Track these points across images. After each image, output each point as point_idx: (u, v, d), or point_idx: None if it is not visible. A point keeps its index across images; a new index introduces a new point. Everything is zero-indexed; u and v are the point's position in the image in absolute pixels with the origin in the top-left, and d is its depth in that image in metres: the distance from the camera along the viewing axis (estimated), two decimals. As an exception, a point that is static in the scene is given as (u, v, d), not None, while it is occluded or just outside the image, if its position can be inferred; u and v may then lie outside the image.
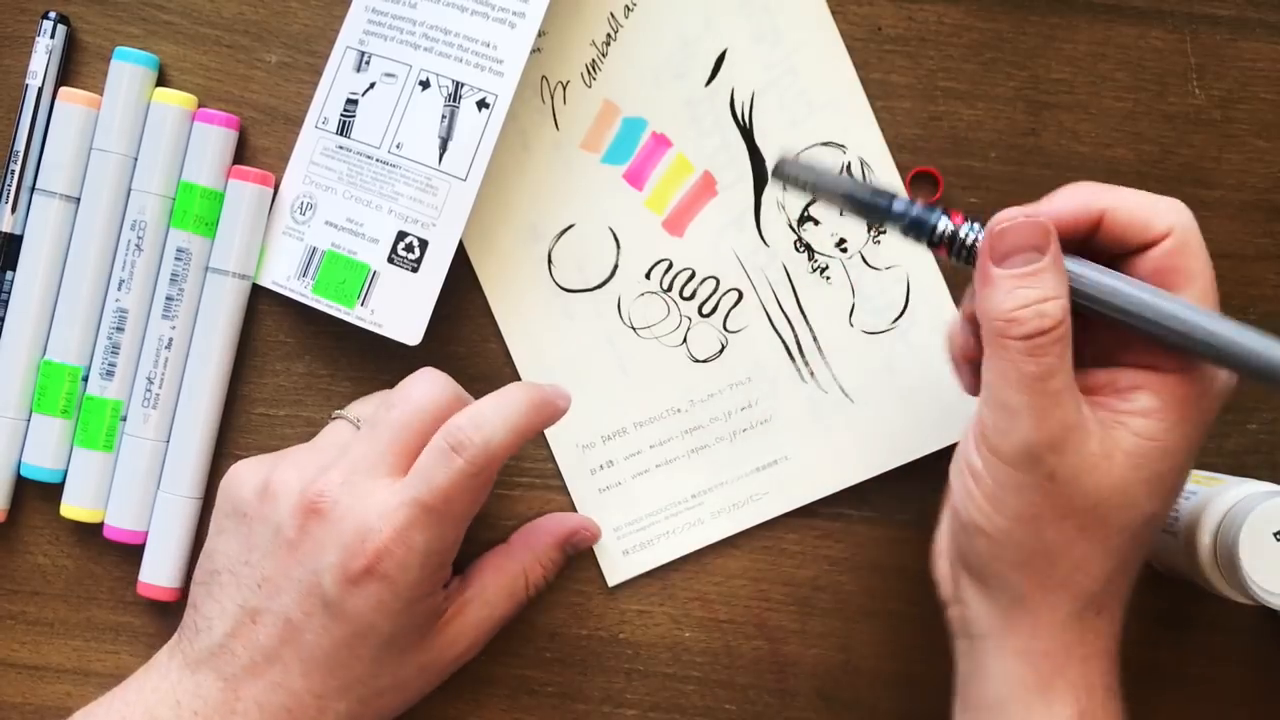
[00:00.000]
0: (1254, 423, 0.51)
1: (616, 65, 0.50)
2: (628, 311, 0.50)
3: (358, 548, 0.42)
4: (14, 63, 0.50)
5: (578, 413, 0.49)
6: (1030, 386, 0.37)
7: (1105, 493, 0.37)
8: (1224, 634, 0.50)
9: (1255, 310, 0.50)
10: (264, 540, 0.43)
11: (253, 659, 0.43)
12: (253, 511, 0.44)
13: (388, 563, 0.42)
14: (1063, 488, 0.37)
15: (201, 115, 0.49)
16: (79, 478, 0.49)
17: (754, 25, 0.50)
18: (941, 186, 0.50)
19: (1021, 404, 0.37)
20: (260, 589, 0.43)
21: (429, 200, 0.47)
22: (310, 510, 0.43)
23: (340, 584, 0.42)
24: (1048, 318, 0.36)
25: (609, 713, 0.50)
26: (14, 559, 0.50)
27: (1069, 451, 0.37)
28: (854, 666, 0.50)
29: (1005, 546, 0.39)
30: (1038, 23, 0.50)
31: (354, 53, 0.49)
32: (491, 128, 0.47)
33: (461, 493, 0.42)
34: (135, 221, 0.48)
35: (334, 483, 0.43)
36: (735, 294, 0.50)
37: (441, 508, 0.42)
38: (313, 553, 0.42)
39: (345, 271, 0.48)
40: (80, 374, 0.49)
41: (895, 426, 0.50)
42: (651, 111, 0.50)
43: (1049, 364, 0.36)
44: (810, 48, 0.50)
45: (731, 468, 0.50)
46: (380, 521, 0.42)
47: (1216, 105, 0.50)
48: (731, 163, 0.50)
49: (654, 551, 0.50)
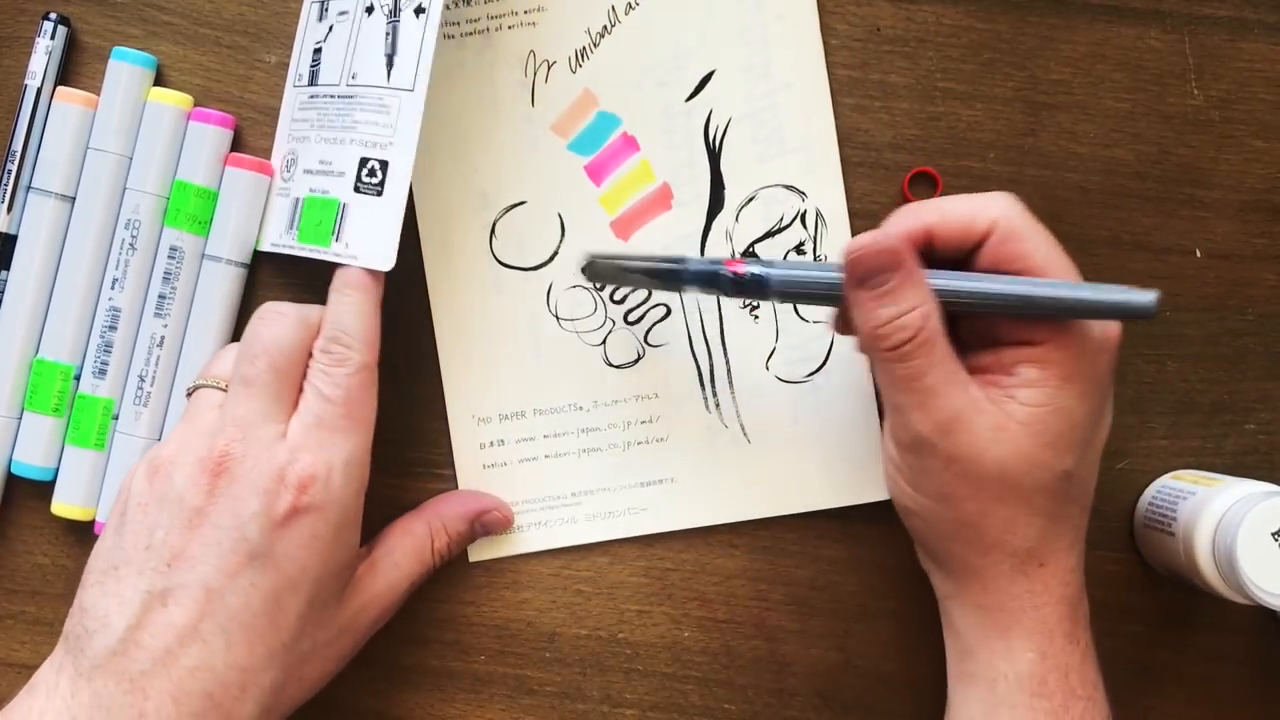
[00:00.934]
0: (1252, 423, 0.51)
1: (605, 58, 0.50)
2: (556, 300, 0.50)
3: (278, 487, 0.41)
4: (14, 63, 0.50)
5: (482, 385, 0.50)
6: (907, 387, 0.41)
7: (1009, 462, 0.41)
8: (1223, 634, 0.50)
9: (1253, 311, 0.50)
10: (166, 518, 0.41)
11: (165, 646, 0.40)
12: (145, 497, 0.42)
13: (314, 490, 0.42)
14: (966, 465, 0.41)
15: (197, 115, 0.49)
16: (70, 476, 0.49)
17: (748, 54, 0.50)
18: (940, 187, 0.50)
19: (904, 402, 0.41)
20: (170, 567, 0.40)
21: (384, 120, 0.46)
22: (216, 472, 0.41)
23: (268, 529, 0.41)
24: (908, 328, 0.40)
25: (609, 713, 0.50)
26: (14, 559, 0.50)
27: (961, 433, 0.41)
28: (854, 666, 0.50)
29: (935, 523, 0.43)
30: (1036, 23, 0.50)
31: (315, 5, 0.49)
32: (429, 31, 0.46)
33: (359, 393, 0.43)
34: (130, 220, 0.48)
35: (233, 438, 0.42)
36: (664, 309, 0.51)
37: (345, 415, 0.43)
38: (229, 509, 0.41)
39: (321, 212, 0.47)
40: (72, 373, 0.49)
41: (786, 476, 0.50)
42: (628, 112, 0.50)
43: (917, 366, 0.41)
44: (797, 90, 0.50)
45: (617, 477, 0.50)
46: (293, 454, 0.42)
47: (1215, 106, 0.50)
48: (693, 181, 0.50)
49: (521, 538, 0.50)
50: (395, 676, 0.50)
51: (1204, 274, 0.50)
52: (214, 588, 0.40)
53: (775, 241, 0.50)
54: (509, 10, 0.50)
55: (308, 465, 0.42)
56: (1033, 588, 0.42)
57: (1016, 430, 0.41)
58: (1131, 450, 0.50)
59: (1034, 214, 0.43)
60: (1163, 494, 0.48)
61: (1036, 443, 0.41)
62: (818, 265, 0.47)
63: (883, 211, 0.50)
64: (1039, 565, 0.42)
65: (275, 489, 0.41)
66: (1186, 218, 0.50)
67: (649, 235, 0.50)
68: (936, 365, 0.41)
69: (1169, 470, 0.50)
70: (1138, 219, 0.50)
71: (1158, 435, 0.51)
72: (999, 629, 0.42)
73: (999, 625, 0.42)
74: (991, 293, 0.41)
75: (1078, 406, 0.41)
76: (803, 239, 0.50)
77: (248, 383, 0.43)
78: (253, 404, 0.43)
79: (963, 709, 0.44)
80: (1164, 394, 0.50)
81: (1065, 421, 0.41)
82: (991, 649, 0.42)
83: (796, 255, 0.50)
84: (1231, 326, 0.50)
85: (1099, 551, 0.50)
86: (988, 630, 0.43)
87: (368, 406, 0.44)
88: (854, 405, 0.50)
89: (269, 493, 0.41)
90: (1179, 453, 0.51)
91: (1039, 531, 0.42)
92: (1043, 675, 0.42)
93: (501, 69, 0.50)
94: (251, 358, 0.44)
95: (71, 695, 0.40)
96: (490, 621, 0.50)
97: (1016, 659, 0.42)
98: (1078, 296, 0.40)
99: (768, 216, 0.50)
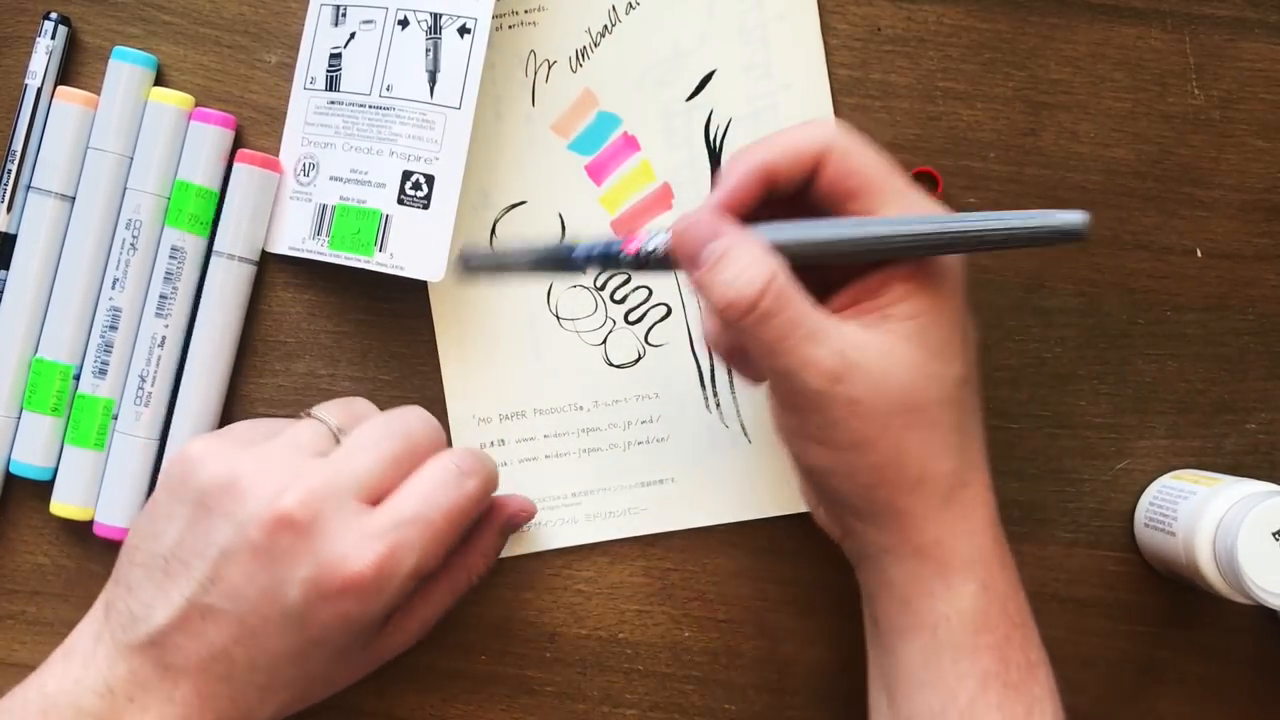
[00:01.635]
0: (1252, 423, 0.51)
1: (606, 58, 0.50)
2: (556, 300, 0.50)
3: (338, 565, 0.41)
4: (14, 63, 0.50)
5: (482, 385, 0.50)
6: (781, 348, 0.39)
7: (908, 383, 0.39)
8: (1223, 634, 0.50)
9: (1254, 310, 0.50)
10: (224, 538, 0.41)
11: (199, 654, 0.41)
12: (215, 505, 0.42)
13: (367, 585, 0.41)
14: (869, 402, 0.39)
15: (198, 115, 0.49)
16: (69, 476, 0.49)
17: (749, 54, 0.50)
18: (941, 186, 0.50)
19: (786, 365, 0.39)
20: (214, 586, 0.41)
21: (428, 135, 0.47)
22: (284, 521, 0.41)
23: (310, 598, 0.41)
24: (755, 283, 0.38)
25: (609, 712, 0.50)
26: (13, 559, 0.50)
27: (853, 372, 0.39)
28: (854, 666, 0.50)
29: (855, 474, 0.40)
30: (1037, 23, 0.50)
31: (329, 8, 0.49)
32: (476, 51, 0.47)
33: (465, 515, 0.43)
34: (130, 220, 0.48)
35: (315, 494, 0.41)
36: (664, 309, 0.50)
37: (444, 528, 0.42)
38: (282, 562, 0.41)
39: (358, 221, 0.48)
40: (72, 372, 0.49)
41: (786, 476, 0.50)
42: (628, 112, 0.50)
43: (783, 321, 0.38)
44: (797, 90, 0.50)
45: (618, 477, 0.50)
46: (364, 545, 0.41)
47: (1215, 105, 0.50)
48: (693, 181, 0.50)
49: (522, 538, 0.50)
50: (396, 676, 0.50)
51: (1204, 274, 0.50)
52: (248, 624, 0.41)
53: None
54: (509, 10, 0.50)
55: (372, 562, 0.41)
56: (965, 513, 0.41)
57: (904, 349, 0.39)
58: (1131, 450, 0.50)
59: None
60: (1163, 494, 0.48)
61: (926, 353, 0.39)
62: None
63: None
64: (963, 487, 0.41)
65: (333, 567, 0.41)
66: (1187, 217, 0.50)
67: None
68: (802, 317, 0.39)
69: (1169, 470, 0.50)
70: (1138, 219, 0.50)
71: (1158, 435, 0.51)
72: (937, 567, 0.40)
73: (937, 563, 0.40)
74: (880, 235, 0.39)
75: (952, 307, 0.40)
76: None
77: (367, 450, 0.43)
78: (358, 474, 0.42)
79: (901, 665, 0.41)
80: (1164, 394, 0.50)
81: (946, 325, 0.40)
82: (931, 592, 0.40)
83: None
84: (1232, 326, 0.50)
85: (1099, 551, 0.50)
86: (925, 573, 0.41)
87: (464, 527, 0.44)
88: None
89: (325, 567, 0.41)
90: (1179, 453, 0.51)
91: (955, 450, 0.40)
92: (984, 608, 0.40)
93: (502, 69, 0.50)
94: (390, 432, 0.44)
95: (109, 667, 0.42)
96: (490, 621, 0.50)
97: (957, 595, 0.40)
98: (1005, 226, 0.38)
99: None
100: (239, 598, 0.41)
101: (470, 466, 0.44)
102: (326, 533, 0.41)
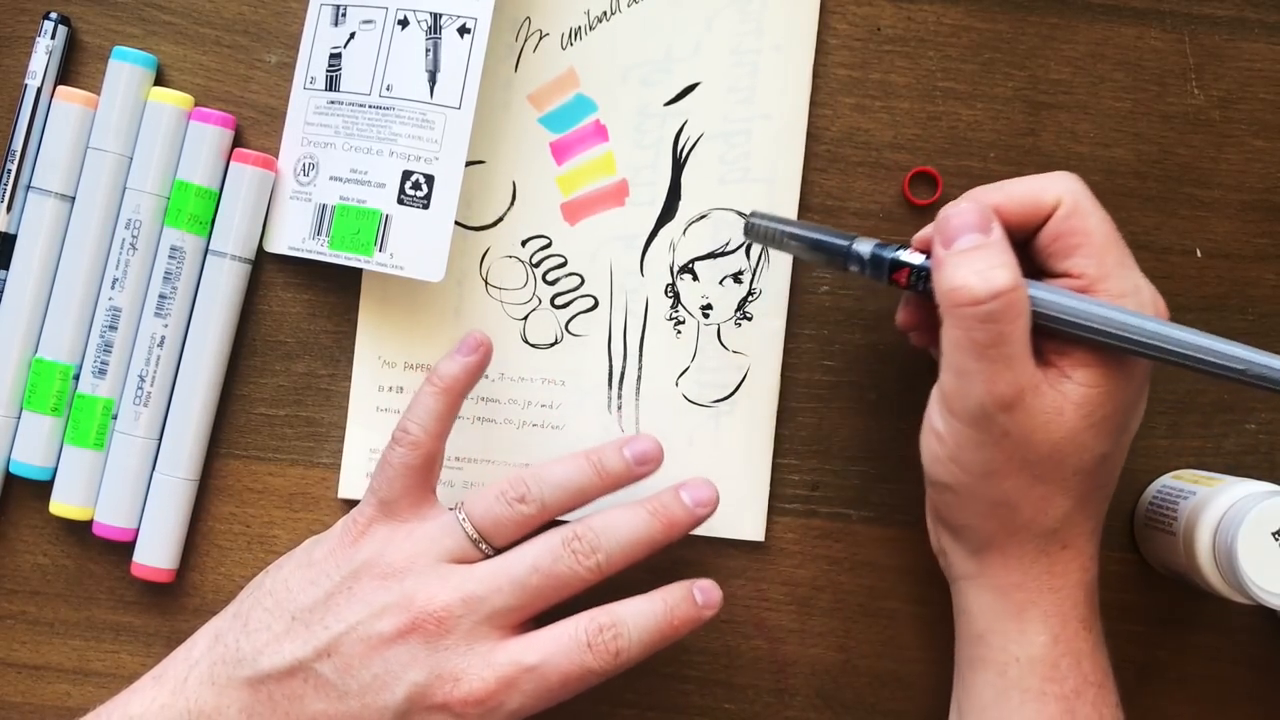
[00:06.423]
0: (1252, 423, 0.51)
1: (597, 44, 0.50)
2: (489, 265, 0.50)
3: (449, 684, 0.42)
4: (14, 63, 0.50)
5: (395, 330, 0.49)
6: (983, 353, 0.39)
7: (1058, 443, 0.40)
8: (1223, 634, 0.50)
9: (1254, 310, 0.50)
10: (353, 616, 0.43)
11: (287, 714, 0.43)
12: (356, 583, 0.43)
13: (472, 706, 0.42)
14: (1017, 442, 0.40)
15: (197, 114, 0.49)
16: (69, 475, 0.49)
17: (736, 76, 0.50)
18: (941, 186, 0.50)
19: (974, 369, 0.39)
20: (328, 658, 0.42)
21: (428, 135, 0.47)
22: (419, 625, 0.42)
23: (413, 699, 0.42)
24: (992, 284, 0.39)
25: (608, 712, 0.50)
26: (13, 559, 0.50)
27: (1021, 410, 0.40)
28: (853, 666, 0.50)
29: (970, 499, 0.42)
30: (1037, 23, 0.50)
31: (329, 8, 0.49)
32: (476, 51, 0.47)
33: (577, 685, 0.43)
34: (130, 220, 0.48)
35: (455, 613, 0.42)
36: (591, 300, 0.50)
37: (556, 690, 0.43)
38: (401, 662, 0.42)
39: (358, 221, 0.48)
40: (71, 372, 0.49)
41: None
42: (606, 101, 0.50)
43: (1001, 332, 0.39)
44: (775, 123, 0.50)
45: (504, 453, 0.50)
46: (481, 670, 0.42)
47: (1215, 105, 0.50)
48: (651, 184, 0.50)
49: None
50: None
51: (1204, 274, 0.50)
52: (346, 704, 0.42)
53: (715, 264, 0.50)
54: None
55: (481, 689, 0.42)
56: (1052, 569, 0.42)
57: (1071, 412, 0.40)
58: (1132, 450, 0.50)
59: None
60: (1163, 494, 0.48)
61: (1084, 425, 0.40)
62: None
63: (883, 211, 0.50)
64: (1061, 547, 0.42)
65: (445, 681, 0.42)
66: (1187, 217, 0.50)
67: (595, 227, 0.50)
68: (1018, 337, 0.39)
69: (1169, 470, 0.50)
70: (1138, 219, 0.50)
71: (1158, 435, 0.50)
72: (1014, 610, 0.42)
73: (1015, 606, 0.42)
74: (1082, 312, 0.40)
75: (1127, 389, 0.41)
76: (742, 268, 0.50)
77: (515, 586, 0.43)
78: (500, 602, 0.43)
79: (972, 694, 0.43)
80: (1164, 394, 0.50)
81: (1113, 404, 0.40)
82: (1005, 632, 0.42)
83: (734, 283, 0.50)
84: (1232, 326, 0.50)
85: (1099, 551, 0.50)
86: (1002, 612, 0.42)
87: (574, 694, 0.43)
88: (750, 443, 0.50)
89: (438, 679, 0.42)
90: (1179, 452, 0.51)
91: (1066, 514, 0.41)
92: (1055, 659, 0.41)
93: (495, 27, 0.49)
94: (534, 570, 0.43)
95: (196, 697, 0.43)
96: (490, 621, 0.50)
97: (1029, 642, 0.42)
98: (1260, 363, 0.39)
99: (715, 238, 0.50)
100: (346, 676, 0.42)
101: (604, 643, 0.43)
102: (453, 648, 0.42)
